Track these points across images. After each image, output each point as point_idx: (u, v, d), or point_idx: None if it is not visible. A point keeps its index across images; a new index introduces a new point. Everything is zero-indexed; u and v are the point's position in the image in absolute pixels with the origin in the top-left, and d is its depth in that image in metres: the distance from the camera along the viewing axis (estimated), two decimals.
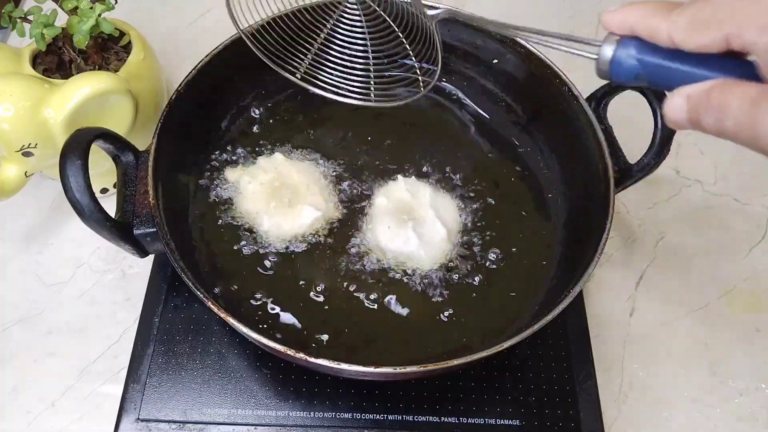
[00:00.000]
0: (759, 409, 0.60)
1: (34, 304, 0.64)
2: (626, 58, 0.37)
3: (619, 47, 0.37)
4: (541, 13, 0.92)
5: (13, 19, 0.61)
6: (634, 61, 0.37)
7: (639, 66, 0.37)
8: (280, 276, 0.59)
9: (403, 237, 0.60)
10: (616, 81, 0.38)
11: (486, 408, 0.56)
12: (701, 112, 0.33)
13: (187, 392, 0.56)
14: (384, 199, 0.63)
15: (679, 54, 0.35)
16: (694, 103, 0.34)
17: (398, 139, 0.69)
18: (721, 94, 0.32)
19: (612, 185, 0.57)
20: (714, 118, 0.33)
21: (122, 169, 0.57)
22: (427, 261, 0.60)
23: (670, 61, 0.35)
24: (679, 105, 0.35)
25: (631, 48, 0.37)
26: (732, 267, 0.68)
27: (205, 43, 0.65)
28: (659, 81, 0.37)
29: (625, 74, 0.37)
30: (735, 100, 0.32)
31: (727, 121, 0.32)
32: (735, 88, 0.32)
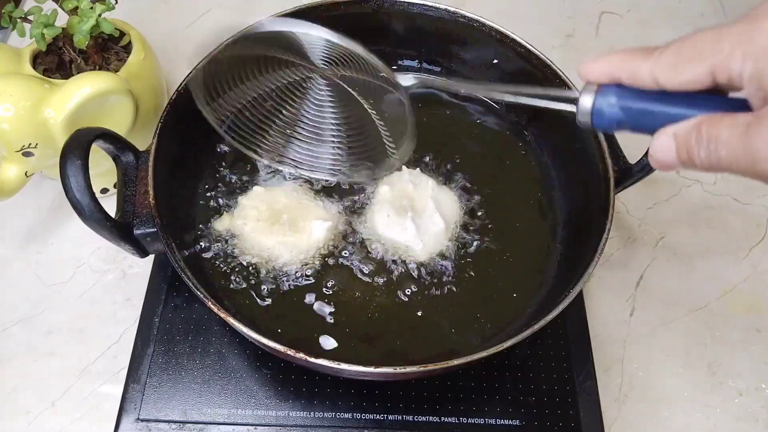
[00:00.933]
0: (759, 409, 0.60)
1: (34, 304, 0.64)
2: (607, 107, 0.36)
3: (598, 96, 0.36)
4: (541, 12, 0.92)
5: (14, 19, 0.61)
6: (615, 109, 0.36)
7: (621, 113, 0.35)
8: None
9: (400, 226, 0.60)
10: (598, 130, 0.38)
11: (486, 408, 0.56)
12: (691, 148, 0.33)
13: (187, 392, 0.56)
14: (386, 187, 0.63)
15: (661, 96, 0.34)
16: (683, 140, 0.33)
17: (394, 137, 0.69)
18: (710, 126, 0.32)
19: (612, 185, 0.57)
20: (706, 152, 0.32)
21: (122, 169, 0.57)
22: (424, 251, 0.60)
23: (654, 104, 0.35)
24: (667, 145, 0.34)
25: (611, 96, 0.36)
26: (732, 267, 0.68)
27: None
28: (643, 125, 0.36)
29: (608, 123, 0.36)
30: (726, 129, 0.31)
31: (721, 152, 0.31)
32: (724, 119, 0.32)
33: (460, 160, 0.67)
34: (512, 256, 0.62)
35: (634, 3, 0.93)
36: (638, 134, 0.37)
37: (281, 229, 0.60)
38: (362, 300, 0.58)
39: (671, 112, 0.34)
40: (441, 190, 0.64)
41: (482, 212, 0.64)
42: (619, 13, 0.92)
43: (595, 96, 0.36)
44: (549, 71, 0.64)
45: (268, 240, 0.60)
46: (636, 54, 0.35)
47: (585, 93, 0.37)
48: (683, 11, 0.92)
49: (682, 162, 0.34)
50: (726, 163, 0.31)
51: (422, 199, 0.62)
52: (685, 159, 0.33)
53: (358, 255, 0.61)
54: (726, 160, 0.31)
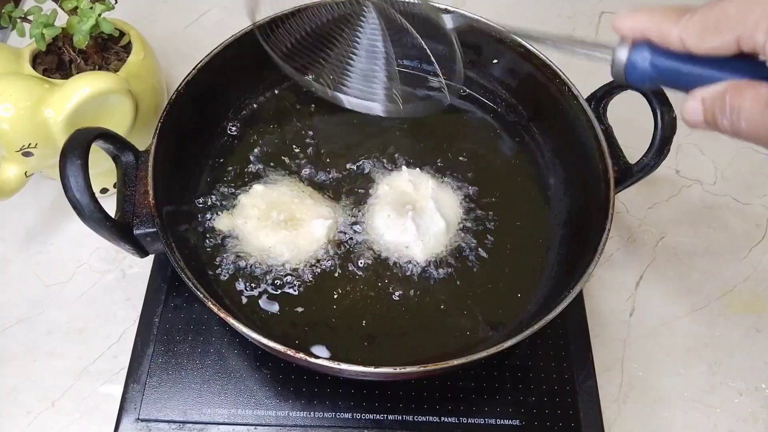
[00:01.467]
0: (759, 409, 0.60)
1: (34, 304, 0.64)
2: (640, 62, 0.37)
3: (633, 51, 0.38)
4: (541, 12, 0.92)
5: (13, 19, 0.61)
6: (647, 64, 0.37)
7: (652, 69, 0.37)
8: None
9: (401, 226, 0.60)
10: (631, 83, 0.39)
11: (486, 408, 0.56)
12: (717, 114, 0.34)
13: (187, 392, 0.56)
14: (387, 187, 0.63)
15: (691, 57, 0.35)
16: (710, 105, 0.34)
17: (397, 139, 0.69)
18: (734, 96, 0.33)
19: (612, 185, 0.57)
20: (729, 120, 0.33)
21: (122, 169, 0.57)
22: (424, 251, 0.60)
23: (683, 64, 0.36)
24: (695, 108, 0.35)
25: (644, 52, 0.37)
26: (732, 267, 0.68)
27: (205, 43, 0.65)
28: (673, 83, 0.37)
29: (640, 77, 0.38)
30: (748, 101, 0.32)
31: (742, 123, 0.33)
32: (747, 90, 0.33)
33: (460, 160, 0.67)
34: (512, 255, 0.62)
35: (634, 3, 0.92)
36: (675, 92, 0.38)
37: (282, 227, 0.60)
38: (362, 299, 0.58)
39: (700, 73, 0.35)
40: (441, 189, 0.64)
41: (482, 212, 0.64)
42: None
43: (629, 50, 0.38)
44: (549, 71, 0.64)
45: (268, 239, 0.60)
46: (668, 15, 0.36)
47: (620, 47, 0.38)
48: None
49: (708, 125, 0.35)
50: (746, 133, 0.33)
51: (422, 200, 0.62)
52: (711, 123, 0.35)
53: (359, 254, 0.60)
54: (746, 131, 0.33)
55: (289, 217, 0.61)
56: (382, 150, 0.68)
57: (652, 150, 0.58)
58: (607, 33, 0.89)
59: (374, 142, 0.68)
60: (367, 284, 0.59)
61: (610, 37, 0.40)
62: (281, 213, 0.61)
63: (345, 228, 0.62)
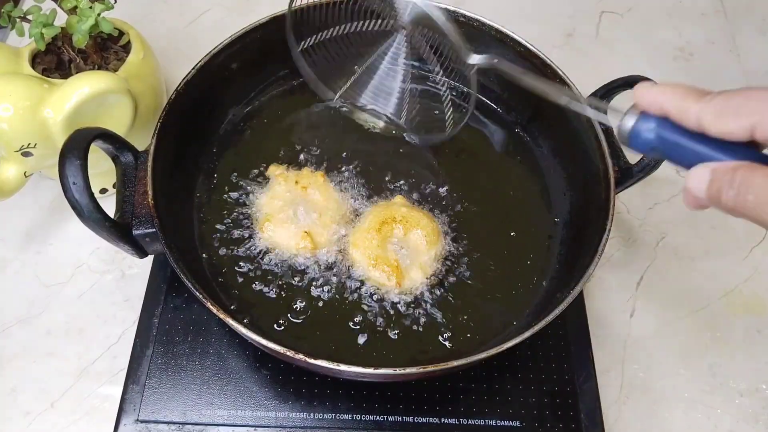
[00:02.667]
0: (759, 410, 0.60)
1: (34, 305, 0.64)
2: (645, 132, 0.39)
3: (639, 120, 0.39)
4: (541, 12, 0.92)
5: (13, 18, 0.61)
6: (652, 135, 0.39)
7: (657, 140, 0.39)
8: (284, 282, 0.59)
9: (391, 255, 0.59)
10: (633, 149, 0.41)
11: (486, 409, 0.56)
12: (723, 185, 0.35)
13: (187, 393, 0.56)
14: (373, 215, 0.62)
15: (698, 136, 0.37)
16: (719, 176, 0.36)
17: (396, 138, 0.69)
18: (747, 172, 0.35)
19: (612, 185, 0.57)
20: (735, 192, 0.35)
21: (121, 169, 0.57)
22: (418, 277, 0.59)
23: (689, 141, 0.37)
24: (703, 176, 0.36)
25: (651, 123, 0.39)
26: (733, 268, 0.68)
27: (205, 42, 0.65)
28: (674, 156, 0.39)
29: (642, 145, 0.40)
30: (760, 178, 0.34)
31: (749, 196, 0.34)
32: (760, 170, 0.34)
33: (460, 160, 0.67)
34: (512, 256, 0.62)
35: (634, 2, 0.93)
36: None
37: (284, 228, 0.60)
38: (357, 297, 0.58)
39: (703, 152, 0.37)
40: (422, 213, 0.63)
41: (482, 212, 0.64)
42: (620, 12, 0.92)
43: (636, 119, 0.39)
44: (549, 71, 0.64)
45: (270, 239, 0.60)
46: (690, 94, 0.37)
47: (629, 114, 0.40)
48: (683, 11, 0.92)
49: (709, 195, 0.36)
50: (751, 206, 0.34)
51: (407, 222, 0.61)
52: (713, 193, 0.36)
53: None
54: (751, 204, 0.34)
55: (295, 214, 0.61)
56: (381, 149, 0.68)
57: None
58: (607, 32, 0.89)
59: (374, 141, 0.68)
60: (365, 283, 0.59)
61: (611, 37, 0.40)
62: (283, 213, 0.61)
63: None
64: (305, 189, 0.62)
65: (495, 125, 0.71)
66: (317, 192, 0.62)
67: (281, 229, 0.60)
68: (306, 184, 0.63)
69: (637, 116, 0.40)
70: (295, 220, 0.60)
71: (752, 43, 0.88)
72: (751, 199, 0.34)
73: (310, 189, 0.62)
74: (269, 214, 0.61)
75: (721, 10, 0.91)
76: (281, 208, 0.61)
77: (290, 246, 0.60)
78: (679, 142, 0.38)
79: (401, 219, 0.60)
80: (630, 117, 0.40)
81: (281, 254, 0.60)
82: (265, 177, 0.65)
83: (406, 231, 0.60)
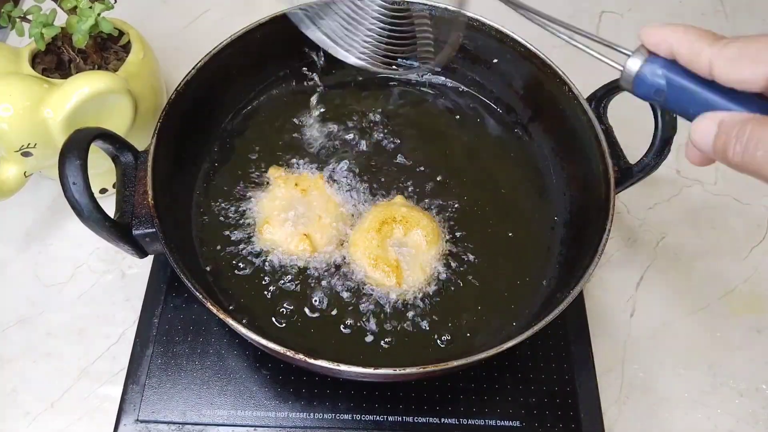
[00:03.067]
0: (759, 410, 0.60)
1: (34, 305, 0.64)
2: (651, 75, 0.36)
3: (647, 62, 0.37)
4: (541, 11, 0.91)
5: (13, 18, 0.61)
6: (660, 79, 0.36)
7: (664, 84, 0.36)
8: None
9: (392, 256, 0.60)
10: (637, 94, 0.38)
11: (486, 409, 0.56)
12: (731, 139, 0.33)
13: (187, 393, 0.56)
14: (373, 216, 0.61)
15: (709, 84, 0.34)
16: (726, 129, 0.33)
17: (395, 138, 0.69)
18: (757, 125, 0.32)
19: (612, 185, 0.57)
20: (743, 147, 0.32)
21: (121, 169, 0.57)
22: (418, 278, 0.59)
23: (697, 86, 0.35)
24: (709, 129, 0.34)
25: (658, 66, 0.36)
26: (732, 267, 0.68)
27: (205, 42, 0.64)
28: (680, 104, 0.36)
29: (647, 91, 0.37)
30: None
31: (759, 151, 0.32)
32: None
33: (460, 160, 0.67)
34: (512, 256, 0.62)
35: (635, 2, 0.93)
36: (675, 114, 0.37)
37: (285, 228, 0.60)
38: (357, 297, 0.58)
39: (712, 100, 0.34)
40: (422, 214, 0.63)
41: (482, 212, 0.64)
42: (620, 13, 0.92)
43: (643, 61, 0.37)
44: (549, 71, 0.64)
45: (272, 238, 0.60)
46: (703, 36, 0.34)
47: (635, 56, 0.37)
48: (684, 11, 0.92)
49: (715, 150, 0.34)
50: (759, 162, 0.32)
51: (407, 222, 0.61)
52: (719, 148, 0.33)
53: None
54: (760, 160, 0.32)
55: (295, 216, 0.61)
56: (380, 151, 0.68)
57: (653, 150, 0.58)
58: (608, 33, 0.89)
59: (374, 141, 0.68)
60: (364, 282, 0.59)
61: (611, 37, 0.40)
62: (282, 215, 0.61)
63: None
64: (305, 191, 0.62)
65: (495, 125, 0.71)
66: (317, 194, 0.62)
67: (280, 231, 0.60)
68: (306, 187, 0.63)
69: (644, 58, 0.37)
70: (295, 222, 0.60)
71: None
72: (760, 155, 0.32)
73: (310, 191, 0.62)
74: (268, 216, 0.61)
75: (721, 10, 0.91)
76: (280, 210, 0.61)
77: (289, 248, 0.60)
78: (688, 87, 0.35)
79: (401, 219, 0.60)
80: (636, 58, 0.37)
81: (280, 255, 0.60)
82: (265, 178, 0.65)
83: (406, 231, 0.60)
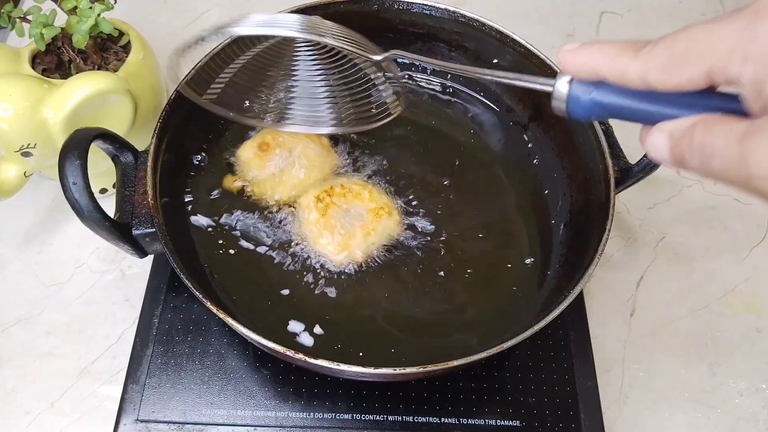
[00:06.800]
0: (759, 410, 0.59)
1: (33, 305, 0.64)
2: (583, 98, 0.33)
3: (574, 85, 0.34)
4: (541, 12, 0.92)
5: (12, 18, 0.61)
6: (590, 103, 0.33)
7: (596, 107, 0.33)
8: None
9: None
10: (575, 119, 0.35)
11: (486, 409, 0.56)
12: (685, 151, 0.30)
13: (187, 393, 0.56)
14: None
15: (647, 93, 0.32)
16: (677, 141, 0.31)
17: (395, 138, 0.69)
18: (704, 132, 0.29)
19: (612, 185, 0.57)
20: (699, 160, 0.29)
21: (121, 169, 0.57)
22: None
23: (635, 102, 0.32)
24: (661, 143, 0.32)
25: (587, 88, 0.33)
26: (732, 267, 0.68)
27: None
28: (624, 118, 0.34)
29: (584, 113, 0.34)
30: (720, 138, 0.28)
31: (714, 162, 0.28)
32: (719, 125, 0.29)
33: (459, 160, 0.67)
34: (512, 256, 0.62)
35: (635, 2, 0.93)
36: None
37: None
38: (357, 295, 0.58)
39: (660, 111, 0.32)
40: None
41: (481, 215, 0.64)
42: (620, 13, 0.92)
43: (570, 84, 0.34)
44: (549, 71, 0.64)
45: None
46: (623, 51, 0.31)
47: (560, 79, 0.34)
48: (683, 11, 0.92)
49: (676, 163, 0.31)
50: (719, 174, 0.29)
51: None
52: (679, 161, 0.31)
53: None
54: (719, 172, 0.29)
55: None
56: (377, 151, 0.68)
57: None
58: (607, 33, 0.89)
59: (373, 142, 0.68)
60: (361, 283, 0.59)
61: (611, 37, 0.40)
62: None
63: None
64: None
65: (495, 125, 0.71)
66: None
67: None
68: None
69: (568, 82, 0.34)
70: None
71: None
72: (716, 166, 0.28)
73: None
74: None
75: (721, 11, 0.91)
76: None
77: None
78: (626, 105, 0.32)
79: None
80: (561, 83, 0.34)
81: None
82: None
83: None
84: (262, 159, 0.63)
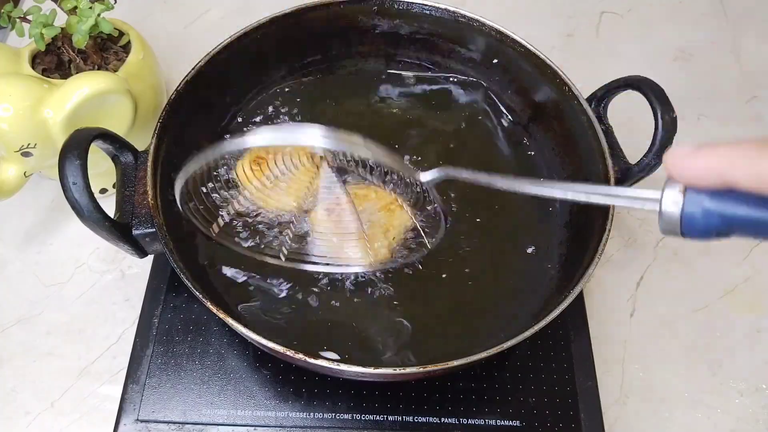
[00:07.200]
0: (759, 410, 0.59)
1: (33, 305, 0.64)
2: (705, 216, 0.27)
3: (688, 199, 0.27)
4: (541, 12, 0.92)
5: (12, 18, 0.61)
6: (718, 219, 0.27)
7: (722, 222, 0.27)
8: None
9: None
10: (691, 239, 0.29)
11: (486, 409, 0.56)
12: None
13: (187, 393, 0.56)
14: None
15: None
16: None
17: (395, 138, 0.69)
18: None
19: (612, 185, 0.57)
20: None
21: (121, 169, 0.57)
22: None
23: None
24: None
25: (703, 198, 0.27)
26: (732, 267, 0.68)
27: (205, 42, 0.65)
28: (750, 234, 0.27)
29: (704, 231, 0.28)
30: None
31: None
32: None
33: (459, 160, 0.67)
34: (512, 256, 0.62)
35: (635, 3, 0.93)
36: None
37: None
38: (353, 294, 0.58)
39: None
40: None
41: (481, 212, 0.64)
42: (620, 13, 0.92)
43: (683, 197, 0.27)
44: (549, 71, 0.64)
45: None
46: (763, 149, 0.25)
47: (668, 190, 0.27)
48: (684, 11, 0.92)
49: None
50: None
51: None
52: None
53: None
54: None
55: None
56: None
57: (653, 150, 0.58)
58: (607, 33, 0.89)
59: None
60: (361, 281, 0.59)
61: (611, 38, 0.39)
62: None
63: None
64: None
65: (494, 125, 0.71)
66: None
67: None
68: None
69: (680, 192, 0.27)
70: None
71: (752, 43, 0.88)
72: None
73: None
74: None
75: (722, 11, 0.91)
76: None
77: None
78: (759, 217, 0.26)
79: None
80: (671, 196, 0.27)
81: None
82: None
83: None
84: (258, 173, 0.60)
